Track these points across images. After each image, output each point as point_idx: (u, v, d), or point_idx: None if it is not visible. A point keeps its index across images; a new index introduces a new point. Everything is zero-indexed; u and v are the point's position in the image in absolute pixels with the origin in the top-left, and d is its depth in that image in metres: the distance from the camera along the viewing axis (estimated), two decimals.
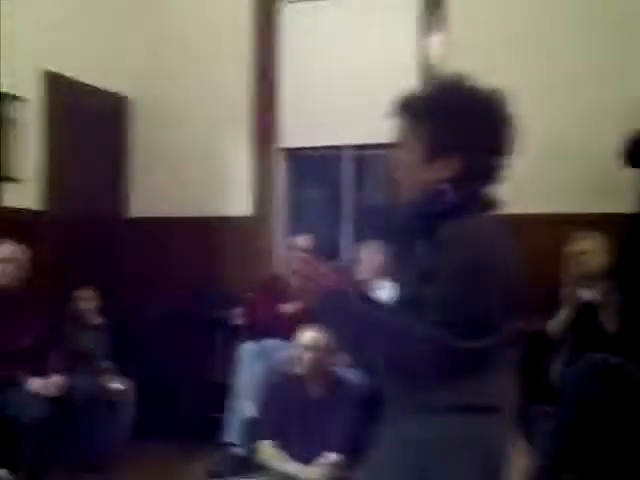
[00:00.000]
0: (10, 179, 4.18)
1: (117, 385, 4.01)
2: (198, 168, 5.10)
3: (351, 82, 4.81)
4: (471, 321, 1.40)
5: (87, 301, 4.28)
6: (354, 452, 3.20)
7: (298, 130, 5.01)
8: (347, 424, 3.25)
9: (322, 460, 3.14)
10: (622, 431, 3.36)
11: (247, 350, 4.18)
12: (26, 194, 4.36)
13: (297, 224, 5.14)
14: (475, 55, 4.17)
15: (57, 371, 3.65)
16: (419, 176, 1.55)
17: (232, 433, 4.05)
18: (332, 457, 3.16)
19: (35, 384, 3.55)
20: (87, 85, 4.77)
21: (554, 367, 3.72)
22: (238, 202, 5.02)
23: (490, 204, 1.56)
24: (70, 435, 3.66)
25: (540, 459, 2.85)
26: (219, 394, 4.23)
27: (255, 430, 3.65)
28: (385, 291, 4.05)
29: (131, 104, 5.25)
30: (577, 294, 3.71)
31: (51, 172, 4.54)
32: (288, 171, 5.19)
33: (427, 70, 4.63)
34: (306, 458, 3.20)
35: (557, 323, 3.72)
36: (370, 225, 5.02)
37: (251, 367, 4.06)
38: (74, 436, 3.66)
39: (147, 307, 4.83)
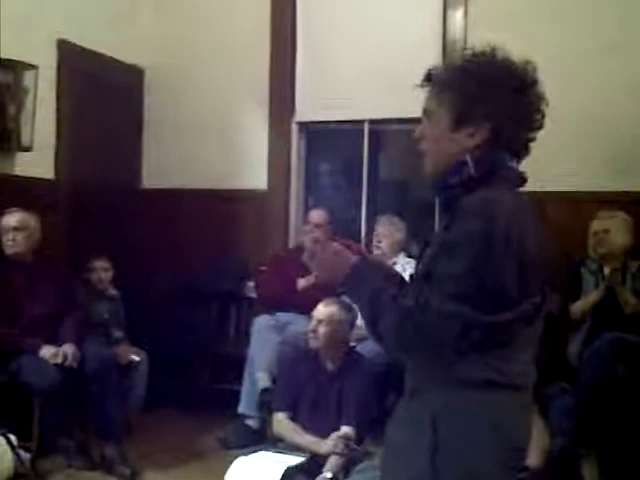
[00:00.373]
0: (23, 148, 4.16)
1: (131, 355, 4.01)
2: (213, 140, 5.06)
3: (370, 56, 4.73)
4: (486, 294, 1.37)
5: (102, 271, 4.28)
6: (369, 426, 3.18)
7: (315, 104, 4.94)
8: (362, 398, 3.23)
9: (336, 433, 3.12)
10: None
11: (262, 323, 4.17)
12: (39, 163, 4.34)
13: (313, 198, 5.10)
14: (497, 28, 4.10)
15: (70, 340, 3.65)
16: (445, 146, 1.53)
17: (246, 405, 4.06)
18: (346, 430, 3.14)
19: (48, 352, 3.56)
20: (102, 55, 4.73)
21: (572, 345, 3.68)
22: (254, 175, 4.98)
23: (514, 178, 1.53)
24: (83, 404, 3.67)
25: (557, 436, 2.83)
26: (233, 366, 4.24)
27: (269, 402, 3.65)
28: (401, 265, 4.02)
29: (146, 75, 5.21)
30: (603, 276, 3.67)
31: (64, 141, 4.53)
32: (304, 144, 5.14)
33: (448, 43, 4.54)
34: (320, 431, 3.18)
35: (582, 305, 3.67)
36: (388, 199, 4.99)
37: (265, 340, 4.06)
38: (87, 405, 3.67)
39: (161, 278, 4.83)
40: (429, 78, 1.57)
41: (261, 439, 3.57)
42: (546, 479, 2.73)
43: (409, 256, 4.22)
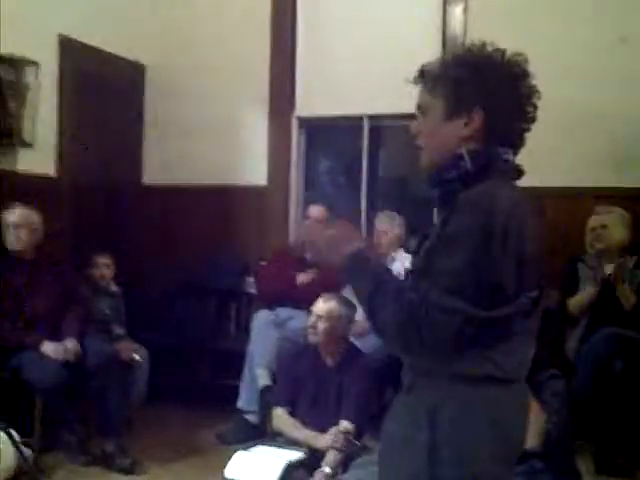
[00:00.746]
0: (25, 144, 4.17)
1: (131, 351, 4.01)
2: (214, 136, 5.07)
3: (370, 51, 4.74)
4: (484, 289, 1.37)
5: (104, 267, 4.28)
6: (368, 421, 3.19)
7: (315, 99, 4.96)
8: (361, 393, 3.24)
9: (335, 428, 3.14)
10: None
11: (261, 318, 4.19)
12: (41, 160, 4.36)
13: (312, 193, 5.10)
14: (497, 23, 4.12)
15: (72, 336, 3.65)
16: (440, 139, 1.54)
17: (246, 400, 4.06)
18: (345, 425, 3.15)
19: (49, 348, 3.56)
20: (103, 51, 4.74)
21: (570, 340, 3.69)
22: (254, 170, 5.00)
23: (511, 171, 1.53)
24: (84, 399, 3.68)
25: (552, 417, 2.86)
26: (233, 361, 4.25)
27: (269, 397, 3.66)
28: (400, 261, 4.04)
29: (147, 71, 5.22)
30: (601, 270, 3.67)
31: (66, 138, 4.54)
32: (304, 140, 5.15)
33: (448, 39, 4.55)
34: (319, 426, 3.19)
35: (580, 300, 3.68)
36: (387, 195, 5.00)
37: (265, 335, 4.07)
38: (88, 400, 3.68)
39: (162, 274, 4.84)
40: (422, 74, 1.58)
41: (260, 434, 3.58)
42: (543, 460, 2.75)
43: (407, 252, 4.23)
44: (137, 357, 4.01)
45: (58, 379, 3.45)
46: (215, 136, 5.06)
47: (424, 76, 1.58)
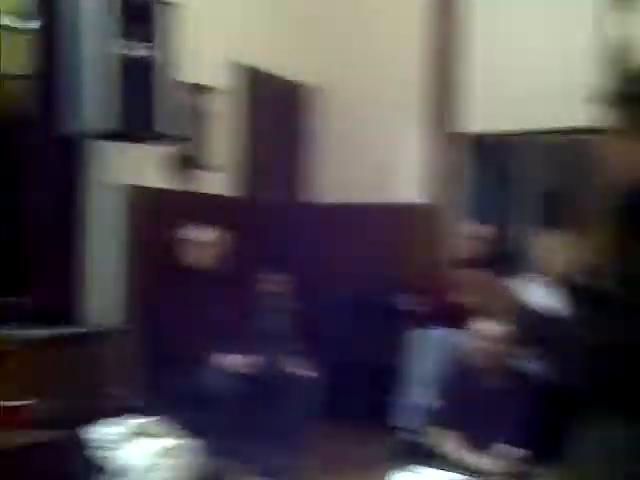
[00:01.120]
0: (206, 167, 4.45)
1: (304, 367, 4.02)
2: (376, 154, 5.17)
3: (535, 67, 4.66)
4: None
5: (279, 284, 4.42)
6: (532, 445, 3.16)
7: (477, 116, 4.95)
8: (526, 416, 3.21)
9: (499, 452, 3.12)
10: None
11: (422, 337, 4.21)
12: (220, 181, 4.63)
13: (473, 211, 5.08)
14: None
15: (249, 351, 3.79)
16: (623, 159, 1.48)
17: (403, 418, 4.10)
18: (510, 450, 3.13)
19: (231, 361, 3.70)
20: (277, 76, 4.98)
21: None
22: (415, 189, 5.07)
23: None
24: (260, 414, 3.74)
25: None
26: (393, 379, 4.28)
27: (428, 417, 3.68)
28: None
29: (313, 92, 5.39)
30: None
31: (246, 160, 4.80)
32: (466, 157, 5.14)
33: (616, 54, 4.40)
34: (481, 448, 3.19)
35: None
36: (552, 214, 4.89)
37: (424, 354, 4.10)
38: (263, 416, 3.75)
39: (330, 291, 4.98)
40: (600, 92, 1.56)
41: (419, 453, 3.56)
42: None
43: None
44: (310, 373, 4.03)
45: (237, 392, 3.56)
46: (377, 154, 5.16)
47: (603, 94, 1.54)
